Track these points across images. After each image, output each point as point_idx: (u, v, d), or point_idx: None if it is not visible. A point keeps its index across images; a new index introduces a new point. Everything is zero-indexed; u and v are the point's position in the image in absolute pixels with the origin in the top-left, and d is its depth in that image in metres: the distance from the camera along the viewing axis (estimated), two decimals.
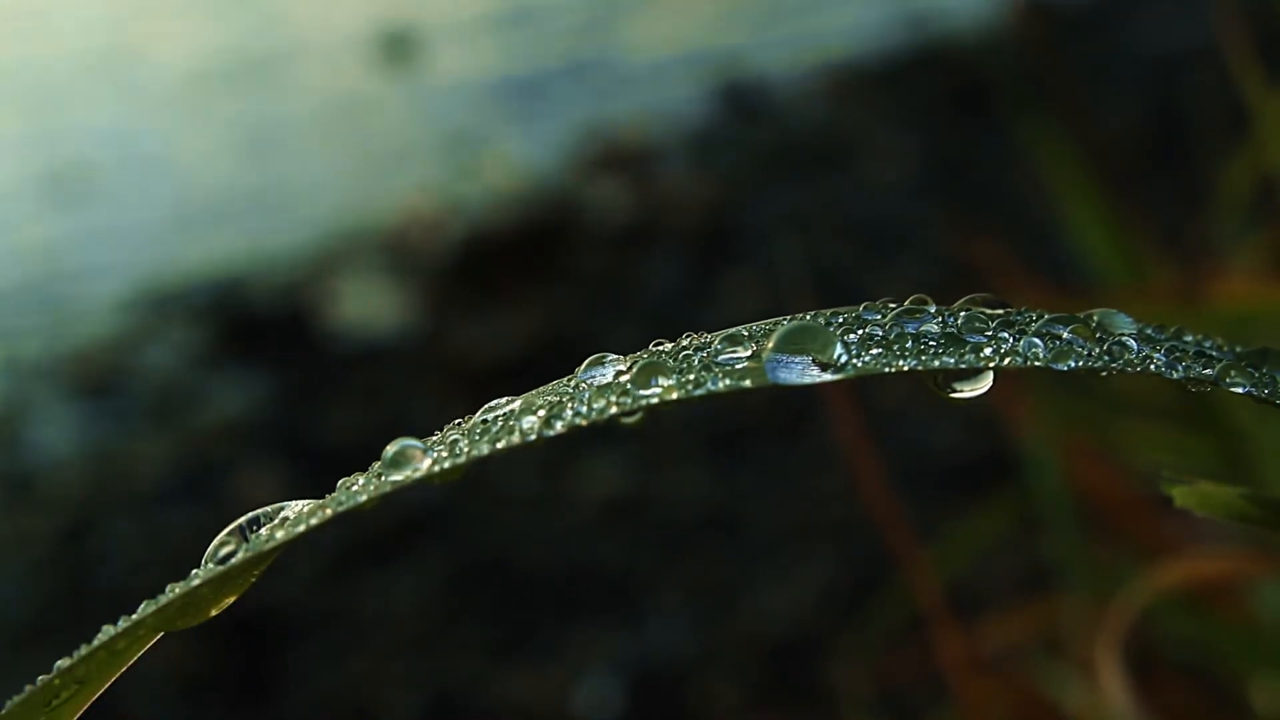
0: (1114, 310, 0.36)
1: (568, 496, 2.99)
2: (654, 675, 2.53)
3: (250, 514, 0.37)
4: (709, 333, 0.34)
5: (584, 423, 0.31)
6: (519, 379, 3.55)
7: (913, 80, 4.61)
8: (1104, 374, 0.34)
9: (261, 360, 3.69)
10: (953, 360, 0.32)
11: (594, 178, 4.41)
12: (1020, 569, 2.31)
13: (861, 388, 2.69)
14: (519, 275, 3.88)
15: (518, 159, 4.62)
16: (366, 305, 3.87)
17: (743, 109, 4.75)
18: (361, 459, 0.36)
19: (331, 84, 5.33)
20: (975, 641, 1.50)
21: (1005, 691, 1.42)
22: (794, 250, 3.58)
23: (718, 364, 0.32)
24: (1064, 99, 1.95)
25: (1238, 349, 0.37)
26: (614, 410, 0.31)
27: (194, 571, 0.35)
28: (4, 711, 0.34)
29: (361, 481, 0.34)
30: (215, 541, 0.35)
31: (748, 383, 0.31)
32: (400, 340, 3.70)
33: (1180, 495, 0.43)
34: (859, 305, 0.35)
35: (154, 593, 0.35)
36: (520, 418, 0.32)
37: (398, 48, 5.43)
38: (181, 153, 4.95)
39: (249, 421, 3.42)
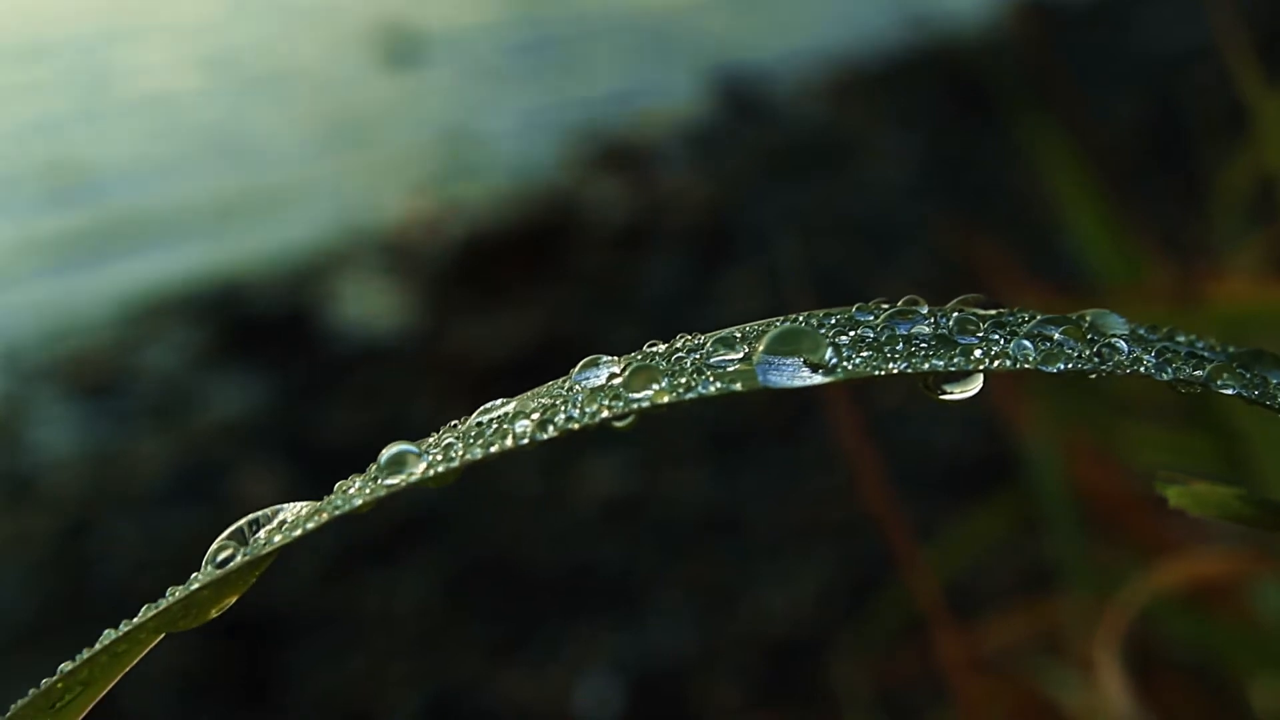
0: (1106, 311, 0.36)
1: (568, 496, 2.99)
2: (654, 675, 2.53)
3: (249, 516, 0.37)
4: (703, 334, 0.34)
5: (576, 426, 0.31)
6: (519, 379, 3.54)
7: (912, 80, 4.61)
8: (1093, 376, 0.34)
9: (261, 360, 3.69)
10: (942, 363, 0.32)
11: (594, 177, 4.41)
12: (1020, 569, 2.31)
13: (862, 387, 2.68)
14: (518, 275, 3.88)
15: (517, 159, 4.62)
16: (366, 305, 3.87)
17: (743, 108, 4.75)
18: (362, 459, 0.36)
19: (331, 82, 5.33)
20: (975, 641, 1.50)
21: (1005, 691, 1.42)
22: (794, 250, 3.58)
23: (709, 366, 0.32)
24: (1063, 98, 1.95)
25: (1231, 350, 0.37)
26: (605, 414, 0.31)
27: (194, 575, 0.35)
28: (9, 714, 0.34)
29: (358, 485, 0.34)
30: (214, 545, 0.35)
31: (738, 386, 0.31)
32: (400, 340, 3.70)
33: (1175, 495, 0.43)
34: (852, 306, 0.35)
35: (154, 593, 0.35)
36: (514, 421, 0.33)
37: (398, 46, 5.43)
38: (181, 152, 4.95)
39: (249, 421, 3.42)
